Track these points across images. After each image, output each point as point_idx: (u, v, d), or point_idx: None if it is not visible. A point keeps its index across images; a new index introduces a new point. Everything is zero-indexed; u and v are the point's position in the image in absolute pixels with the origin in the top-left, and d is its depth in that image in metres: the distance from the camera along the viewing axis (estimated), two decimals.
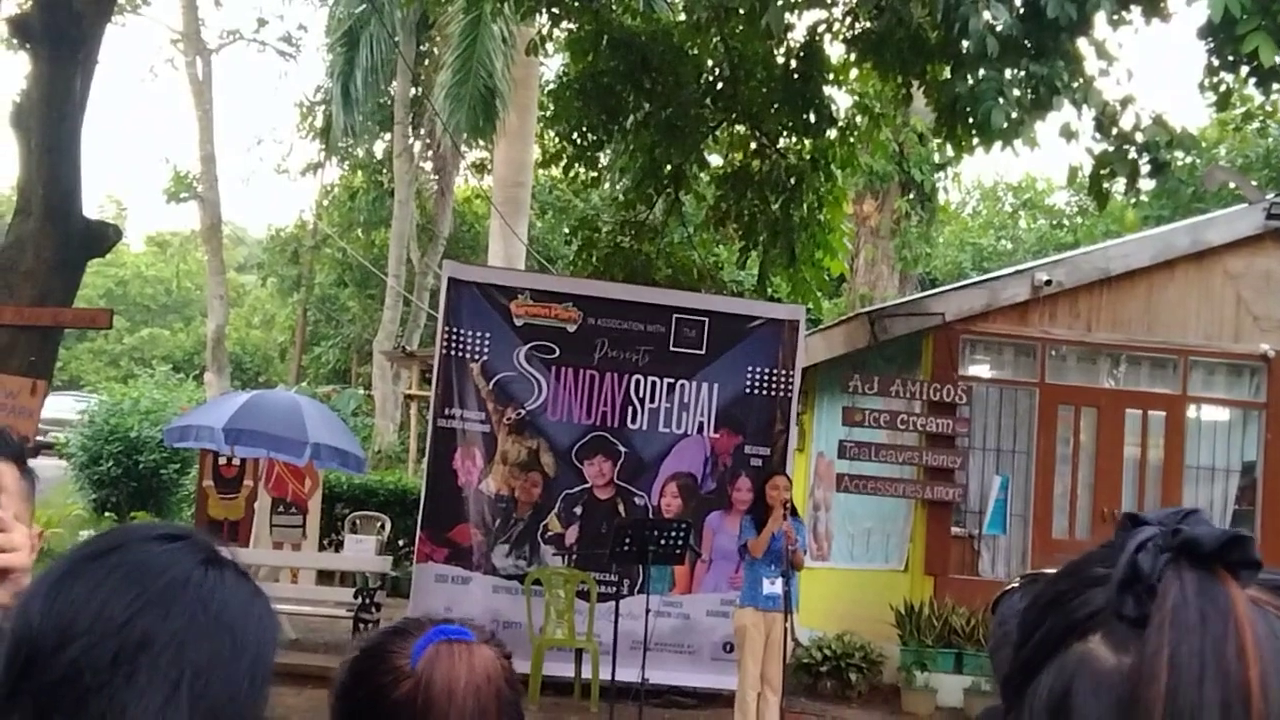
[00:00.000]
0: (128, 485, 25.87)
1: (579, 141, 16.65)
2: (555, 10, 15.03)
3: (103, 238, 11.33)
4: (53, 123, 10.63)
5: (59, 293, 10.66)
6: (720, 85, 15.92)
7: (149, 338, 53.27)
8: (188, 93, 30.62)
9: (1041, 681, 0.93)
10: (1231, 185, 16.88)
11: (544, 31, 16.36)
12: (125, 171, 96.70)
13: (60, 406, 28.58)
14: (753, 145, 16.49)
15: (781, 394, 12.68)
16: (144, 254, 60.90)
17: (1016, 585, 2.47)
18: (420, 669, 1.66)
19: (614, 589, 11.79)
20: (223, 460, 17.19)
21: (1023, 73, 10.59)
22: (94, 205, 51.24)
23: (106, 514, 24.91)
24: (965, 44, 10.33)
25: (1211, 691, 0.84)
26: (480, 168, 33.27)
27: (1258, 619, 0.87)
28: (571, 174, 17.66)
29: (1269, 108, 25.94)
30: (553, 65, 25.21)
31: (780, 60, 15.21)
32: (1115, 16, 10.59)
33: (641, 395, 12.54)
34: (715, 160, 18.18)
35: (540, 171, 26.80)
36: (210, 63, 31.28)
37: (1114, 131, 11.21)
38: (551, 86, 21.51)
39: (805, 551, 10.19)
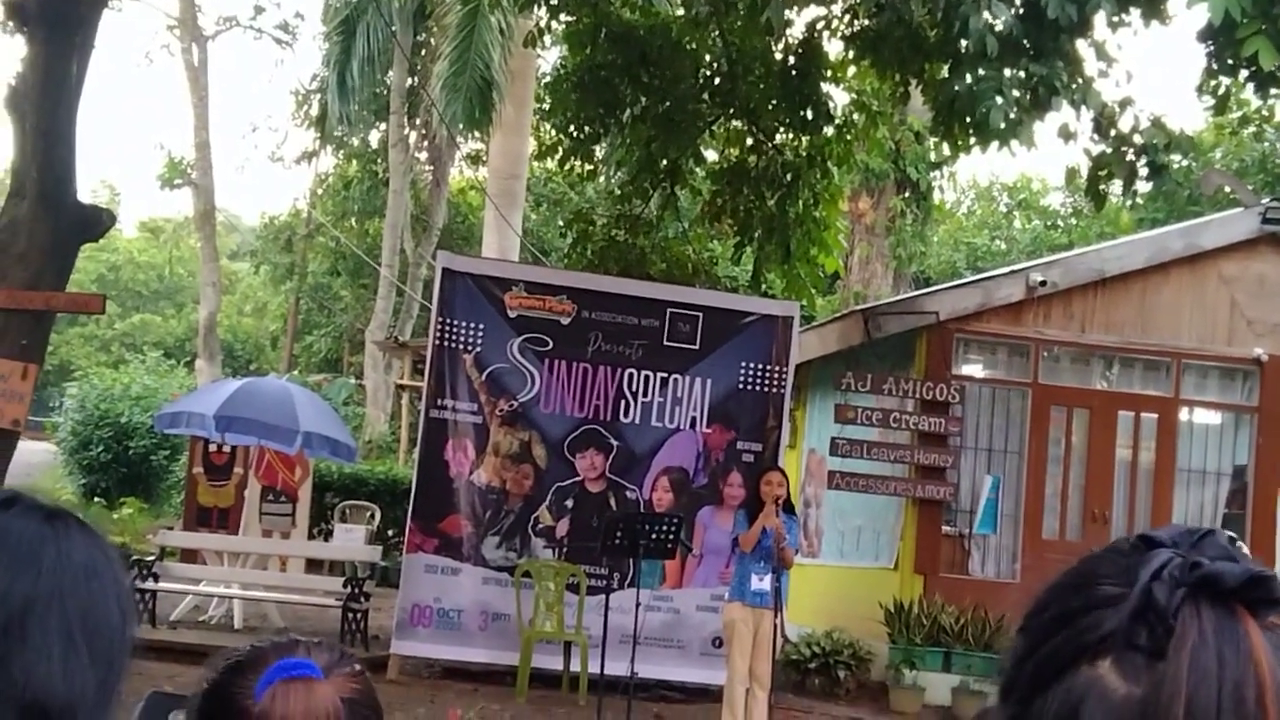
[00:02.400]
0: (117, 471, 25.87)
1: (575, 134, 16.62)
2: (554, 3, 15.00)
3: (96, 222, 11.28)
4: (48, 106, 10.57)
5: (51, 277, 10.60)
6: (718, 80, 15.90)
7: (140, 323, 53.25)
8: (183, 79, 30.55)
9: (1047, 702, 0.91)
10: (1227, 189, 16.89)
11: (542, 24, 16.37)
12: (120, 157, 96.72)
13: None
14: (749, 141, 16.48)
15: (774, 390, 12.65)
16: (137, 239, 60.87)
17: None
18: (261, 710, 1.70)
19: (604, 582, 11.78)
20: (213, 447, 17.18)
21: (1022, 73, 10.59)
22: (88, 190, 51.22)
23: (96, 499, 24.89)
24: (964, 43, 10.32)
25: None
26: (475, 159, 33.23)
27: (1275, 657, 0.86)
28: (567, 167, 17.63)
29: (1265, 112, 25.99)
30: (550, 58, 25.22)
31: (779, 57, 15.20)
32: (1115, 18, 10.59)
33: (634, 389, 12.51)
34: (711, 155, 18.17)
35: (536, 164, 26.76)
36: (206, 49, 31.26)
37: (1112, 133, 11.23)
38: (548, 79, 21.50)
39: (796, 550, 10.16)
